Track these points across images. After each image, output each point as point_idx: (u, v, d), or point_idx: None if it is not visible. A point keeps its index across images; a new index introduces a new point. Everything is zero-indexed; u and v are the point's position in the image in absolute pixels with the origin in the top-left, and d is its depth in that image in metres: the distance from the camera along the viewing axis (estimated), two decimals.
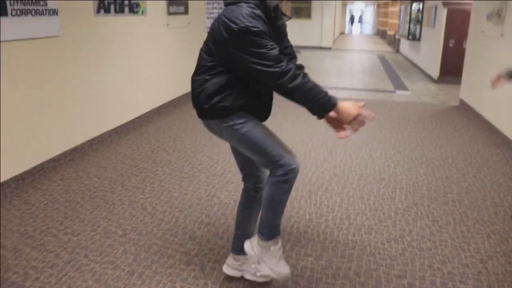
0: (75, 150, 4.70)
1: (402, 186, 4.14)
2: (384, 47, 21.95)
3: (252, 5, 2.11)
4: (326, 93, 2.09)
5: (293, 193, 3.84)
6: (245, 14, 2.05)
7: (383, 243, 3.09)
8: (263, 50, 2.04)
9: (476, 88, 7.12)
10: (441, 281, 2.66)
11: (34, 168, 4.14)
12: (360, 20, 42.69)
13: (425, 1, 12.59)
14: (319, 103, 2.09)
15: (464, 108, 7.61)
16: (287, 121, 6.30)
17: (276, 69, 2.04)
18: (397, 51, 19.11)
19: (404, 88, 9.84)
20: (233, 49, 2.08)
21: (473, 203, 3.81)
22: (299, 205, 3.66)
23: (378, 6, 31.95)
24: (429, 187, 4.13)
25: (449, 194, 4.00)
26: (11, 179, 3.86)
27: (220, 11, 2.27)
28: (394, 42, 20.63)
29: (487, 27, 6.64)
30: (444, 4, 10.13)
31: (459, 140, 5.72)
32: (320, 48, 19.19)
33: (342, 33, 34.00)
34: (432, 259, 2.89)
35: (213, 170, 4.40)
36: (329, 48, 19.32)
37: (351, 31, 39.38)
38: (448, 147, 5.39)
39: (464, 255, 2.97)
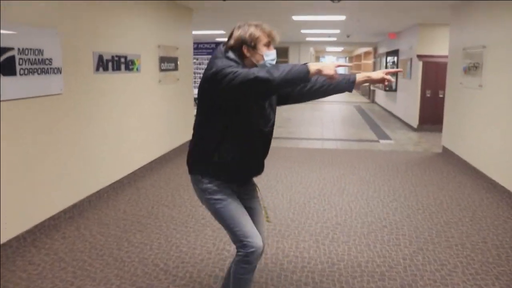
0: (74, 206, 4.66)
1: (405, 233, 4.22)
2: (359, 98, 22.63)
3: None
4: (295, 64, 2.18)
5: (301, 244, 3.90)
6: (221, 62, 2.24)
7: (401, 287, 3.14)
8: (233, 70, 2.14)
9: (458, 135, 7.41)
10: None
11: (35, 226, 4.08)
12: None
13: (400, 55, 13.21)
14: (302, 69, 2.12)
15: (447, 155, 7.87)
16: (281, 174, 6.40)
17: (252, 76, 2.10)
18: (373, 101, 19.74)
19: (387, 137, 10.14)
20: (213, 90, 2.20)
21: (475, 246, 3.92)
22: (309, 255, 3.69)
23: (351, 59, 33.18)
24: (430, 232, 4.23)
25: (451, 238, 4.10)
26: (13, 239, 3.79)
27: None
28: (369, 93, 21.32)
29: (464, 79, 7.02)
30: (419, 57, 10.67)
31: (448, 186, 5.90)
32: None
33: None
34: None
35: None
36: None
37: None
38: (440, 193, 5.55)
39: None
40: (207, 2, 6.70)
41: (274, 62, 2.35)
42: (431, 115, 10.78)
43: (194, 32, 8.79)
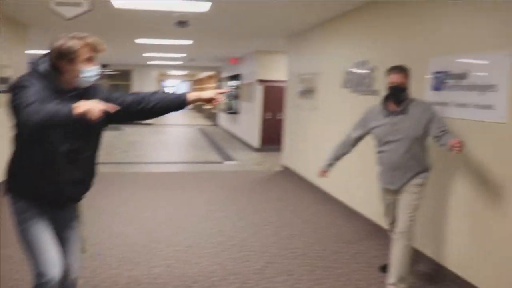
0: None
1: (254, 249, 4.39)
2: (202, 121, 23.10)
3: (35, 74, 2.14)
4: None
5: (153, 270, 3.79)
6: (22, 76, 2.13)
7: None
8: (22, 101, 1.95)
9: (296, 154, 8.02)
10: None
11: None
12: None
13: (242, 79, 13.87)
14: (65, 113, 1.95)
15: (287, 172, 8.45)
16: (129, 199, 6.17)
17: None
18: (216, 124, 20.31)
19: (230, 158, 10.49)
20: (12, 105, 2.01)
21: (317, 254, 4.26)
22: (163, 280, 3.61)
23: (194, 82, 33.75)
24: (277, 246, 4.47)
25: (295, 249, 4.39)
26: None
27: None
28: (212, 116, 21.89)
29: (302, 102, 7.66)
30: (260, 82, 11.34)
31: (290, 201, 6.33)
32: (142, 124, 19.29)
33: None
34: None
35: None
36: (151, 124, 19.54)
37: None
38: (283, 208, 5.92)
39: None
40: (46, 19, 6.23)
41: (93, 79, 2.21)
42: (271, 136, 11.50)
43: (34, 51, 8.06)
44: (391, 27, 4.76)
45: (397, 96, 3.28)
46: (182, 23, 6.88)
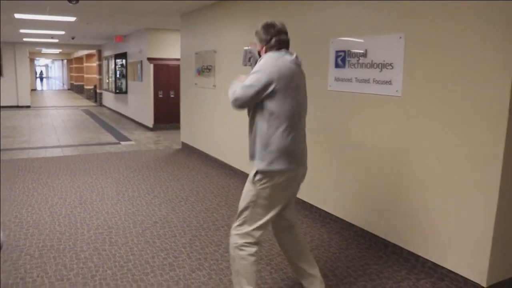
0: None
1: (176, 224, 4.54)
2: (84, 102, 21.97)
3: None
4: None
5: (81, 255, 3.77)
6: None
7: (192, 272, 3.41)
8: None
9: (196, 131, 8.17)
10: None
11: None
12: (42, 76, 40.99)
13: (128, 57, 13.46)
14: None
15: (188, 149, 8.58)
16: (30, 187, 5.86)
17: None
18: (101, 104, 19.49)
19: (126, 139, 10.28)
20: None
21: None
22: (94, 263, 3.60)
23: (70, 61, 31.69)
24: (197, 220, 4.66)
25: (216, 222, 4.63)
26: None
27: None
28: (95, 96, 20.93)
29: (199, 80, 7.78)
30: (150, 60, 11.16)
31: (198, 177, 6.52)
32: (18, 106, 17.85)
33: (33, 89, 32.15)
34: None
35: None
36: (28, 106, 18.16)
37: (41, 88, 37.45)
38: (193, 184, 6.10)
39: None
40: None
41: None
42: (165, 115, 11.49)
43: None
44: (291, 9, 5.08)
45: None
46: None
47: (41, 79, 39.07)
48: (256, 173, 2.65)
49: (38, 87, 36.53)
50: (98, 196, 5.47)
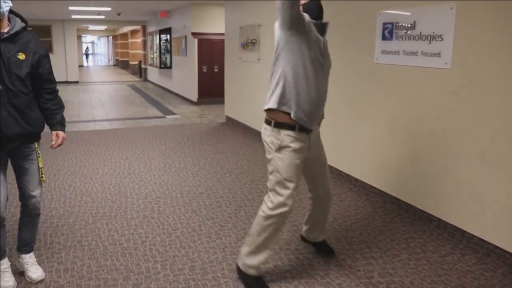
0: None
1: (222, 195, 4.65)
2: (130, 77, 22.47)
3: None
4: None
5: (131, 222, 3.94)
6: None
7: (237, 241, 3.52)
8: None
9: (240, 104, 8.25)
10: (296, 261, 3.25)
11: None
12: (88, 53, 41.71)
13: (173, 32, 13.62)
14: None
15: (232, 123, 8.69)
16: (81, 158, 6.13)
17: None
18: (146, 79, 19.89)
19: (171, 113, 10.51)
20: None
21: None
22: (144, 230, 3.77)
23: (115, 38, 32.34)
24: (242, 191, 4.76)
25: (261, 193, 4.71)
26: None
27: None
28: (140, 71, 21.36)
29: (243, 54, 7.81)
30: (194, 35, 11.25)
31: (242, 150, 6.61)
32: (67, 82, 18.48)
33: (81, 65, 33.12)
34: (283, 241, 3.48)
35: None
36: (77, 82, 18.77)
37: (87, 64, 38.34)
38: (237, 157, 6.20)
39: (299, 233, 3.66)
40: None
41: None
42: (209, 89, 11.62)
43: None
44: None
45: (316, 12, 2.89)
46: None
47: (87, 55, 39.79)
48: None
49: (85, 64, 37.46)
50: (145, 167, 5.67)
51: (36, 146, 2.79)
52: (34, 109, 2.71)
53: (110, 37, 36.13)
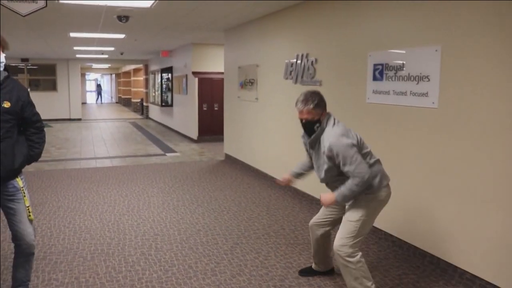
0: None
1: (219, 232, 4.72)
2: (132, 115, 22.76)
3: None
4: None
5: (129, 258, 4.00)
6: None
7: (232, 278, 3.57)
8: None
9: (239, 143, 8.39)
10: None
11: None
12: (100, 90, 40.83)
13: (174, 71, 13.93)
14: None
15: (231, 161, 8.80)
16: (81, 195, 6.21)
17: None
18: (147, 117, 20.16)
19: (172, 150, 10.64)
20: None
21: (277, 233, 4.67)
22: (141, 267, 3.83)
23: (118, 75, 32.91)
24: (239, 229, 4.83)
25: (257, 230, 4.77)
26: None
27: None
28: (142, 109, 21.66)
29: (242, 93, 8.01)
30: (195, 74, 11.53)
31: (240, 188, 6.70)
32: (70, 119, 18.74)
33: (84, 103, 33.54)
34: (277, 278, 3.52)
35: None
36: (79, 119, 19.03)
37: (101, 102, 37.51)
38: (235, 195, 6.28)
39: (293, 270, 3.71)
40: None
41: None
42: (209, 127, 11.81)
43: None
44: (330, 24, 5.22)
45: (309, 131, 3.14)
46: (123, 17, 6.97)
47: (100, 93, 37.87)
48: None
49: (88, 101, 37.20)
50: (144, 205, 5.75)
51: (21, 185, 2.90)
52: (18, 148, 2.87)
53: (113, 75, 36.72)
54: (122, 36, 9.74)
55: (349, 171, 2.88)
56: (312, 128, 3.07)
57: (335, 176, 3.07)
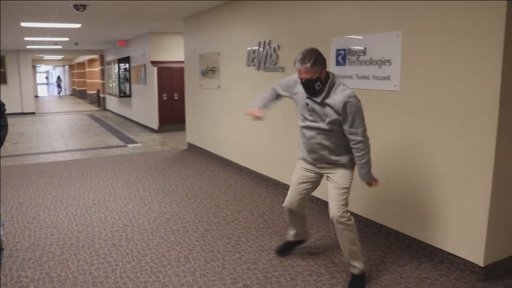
0: None
1: (188, 220, 4.74)
2: (88, 107, 22.19)
3: None
4: None
5: (100, 251, 3.97)
6: None
7: (206, 263, 3.62)
8: None
9: (202, 131, 8.38)
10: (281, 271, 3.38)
11: None
12: (60, 83, 39.66)
13: (131, 61, 13.66)
14: None
15: (194, 149, 8.79)
16: (43, 190, 6.06)
17: None
18: (104, 109, 19.72)
19: (133, 141, 10.50)
20: None
21: (246, 218, 4.74)
22: (113, 258, 3.81)
23: (72, 67, 31.93)
24: (208, 216, 4.87)
25: (226, 216, 4.82)
26: None
27: None
28: (98, 101, 21.16)
29: (203, 81, 7.99)
30: (153, 63, 11.37)
31: (206, 175, 6.72)
32: (23, 113, 18.09)
33: (36, 96, 32.36)
34: (250, 261, 3.59)
35: None
36: (33, 113, 18.40)
37: (60, 94, 36.57)
38: (201, 183, 6.30)
39: (266, 253, 3.79)
40: None
41: None
42: (170, 116, 11.71)
43: None
44: (293, 10, 5.28)
45: (310, 90, 3.07)
46: (80, 6, 6.79)
47: (59, 85, 36.79)
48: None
49: (59, 93, 36.04)
50: (110, 197, 5.68)
51: None
52: None
53: (66, 67, 35.58)
54: (78, 25, 9.46)
55: (357, 132, 2.98)
56: (312, 87, 3.02)
57: (333, 129, 3.08)
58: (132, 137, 11.21)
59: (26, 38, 12.24)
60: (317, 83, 3.00)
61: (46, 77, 37.99)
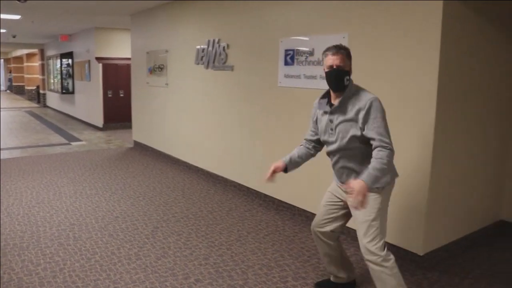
0: None
1: (137, 218, 4.71)
2: (27, 103, 21.26)
3: None
4: None
5: (46, 250, 3.88)
6: None
7: (157, 260, 3.63)
8: None
9: (149, 129, 8.29)
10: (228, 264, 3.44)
11: None
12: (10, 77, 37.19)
13: (75, 57, 13.24)
14: None
15: (140, 148, 8.69)
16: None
17: None
18: (45, 105, 18.98)
19: (76, 139, 10.20)
20: None
21: (196, 215, 4.79)
22: (61, 258, 3.73)
23: (7, 61, 30.42)
24: (157, 213, 4.86)
25: (175, 214, 4.84)
26: None
27: None
28: (38, 97, 20.34)
29: (151, 79, 7.91)
30: (98, 60, 11.10)
31: (153, 173, 6.68)
32: None
33: None
34: (201, 257, 3.64)
35: None
36: None
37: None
38: (149, 181, 6.26)
39: (216, 248, 3.85)
40: None
41: None
42: (115, 114, 11.49)
43: None
44: (242, 10, 5.36)
45: (337, 83, 2.72)
46: None
47: (9, 79, 34.92)
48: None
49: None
50: (55, 195, 5.53)
51: None
52: None
53: (1, 60, 33.83)
54: (17, 17, 9.07)
55: (377, 138, 2.53)
56: (342, 79, 2.66)
57: (355, 147, 2.67)
58: (75, 135, 10.89)
59: None
60: (346, 77, 2.66)
61: None
